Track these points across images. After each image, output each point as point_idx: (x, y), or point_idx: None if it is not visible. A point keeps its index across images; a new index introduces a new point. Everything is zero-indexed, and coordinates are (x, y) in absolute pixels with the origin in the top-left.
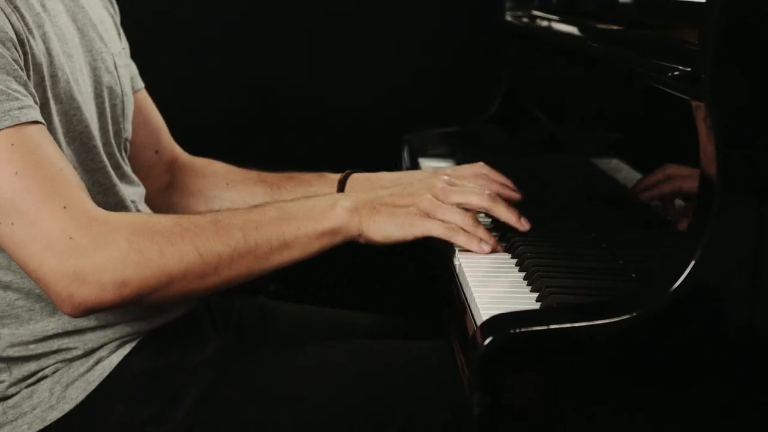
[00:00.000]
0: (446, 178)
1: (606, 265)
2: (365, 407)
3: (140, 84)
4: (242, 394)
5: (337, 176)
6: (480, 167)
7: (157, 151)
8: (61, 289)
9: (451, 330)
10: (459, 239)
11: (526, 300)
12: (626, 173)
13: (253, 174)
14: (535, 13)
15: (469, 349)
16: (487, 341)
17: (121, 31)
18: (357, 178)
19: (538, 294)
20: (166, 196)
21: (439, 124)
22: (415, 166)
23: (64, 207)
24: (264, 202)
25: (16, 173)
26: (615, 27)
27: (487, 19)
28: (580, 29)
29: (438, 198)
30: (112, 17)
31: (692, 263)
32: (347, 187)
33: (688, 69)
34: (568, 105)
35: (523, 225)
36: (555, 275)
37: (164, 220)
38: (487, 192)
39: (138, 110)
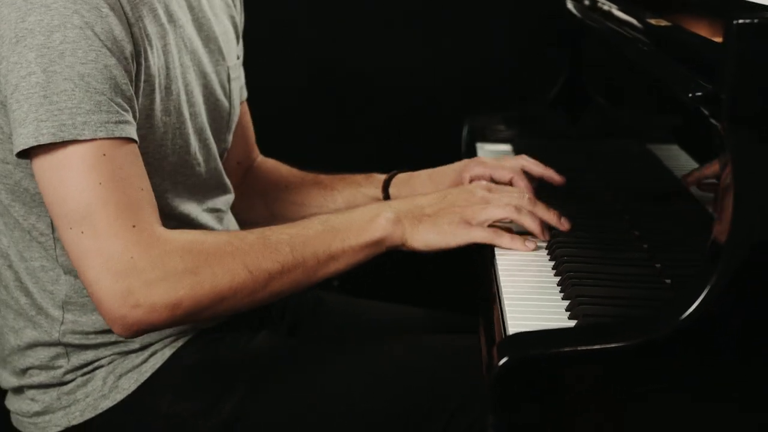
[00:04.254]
0: (485, 184)
1: (642, 270)
2: (411, 401)
3: (244, 94)
4: (289, 387)
5: (383, 177)
6: (519, 159)
7: (238, 162)
8: (114, 309)
9: (482, 328)
10: (502, 241)
11: (557, 309)
12: (684, 161)
13: (310, 176)
14: None
15: (488, 365)
16: (502, 361)
17: (241, 39)
18: (400, 178)
19: (569, 302)
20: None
21: (500, 108)
22: (471, 150)
23: (134, 226)
24: (310, 217)
25: (100, 184)
26: (664, 23)
27: (549, 3)
28: (631, 22)
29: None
30: (235, 27)
31: (706, 290)
32: (391, 187)
33: (710, 86)
34: (627, 89)
35: (544, 235)
36: (587, 282)
37: (216, 238)
38: (525, 198)
39: (237, 122)
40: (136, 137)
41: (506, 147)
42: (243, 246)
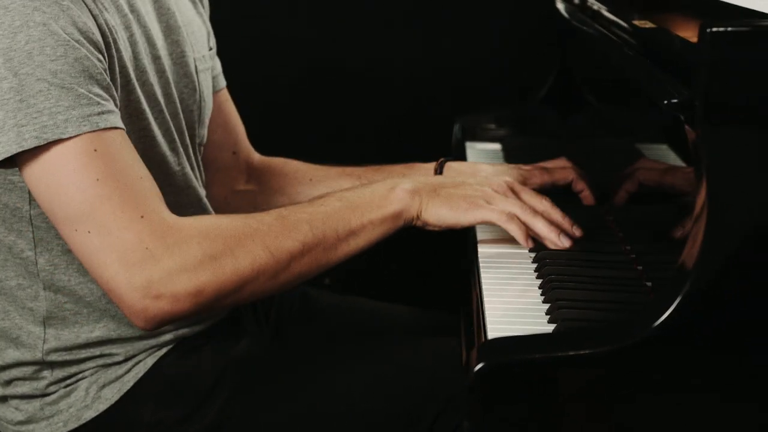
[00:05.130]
0: (508, 179)
1: (623, 273)
2: (396, 405)
3: (222, 83)
4: (275, 389)
5: (429, 165)
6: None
7: (234, 152)
8: (135, 302)
9: (463, 331)
10: (511, 227)
11: (537, 313)
12: (672, 161)
13: (335, 169)
14: None
15: (465, 370)
16: (477, 367)
17: (211, 30)
18: (452, 166)
19: (549, 306)
20: (246, 196)
21: (491, 107)
22: (461, 149)
23: (142, 216)
24: (324, 194)
25: (98, 180)
26: (650, 25)
27: (548, 3)
28: (618, 22)
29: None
30: (201, 16)
31: (679, 297)
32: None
33: (686, 92)
34: (618, 88)
35: (562, 243)
36: (568, 285)
37: (234, 221)
38: (542, 204)
39: (218, 110)
40: (122, 125)
41: (496, 146)
42: (261, 227)
